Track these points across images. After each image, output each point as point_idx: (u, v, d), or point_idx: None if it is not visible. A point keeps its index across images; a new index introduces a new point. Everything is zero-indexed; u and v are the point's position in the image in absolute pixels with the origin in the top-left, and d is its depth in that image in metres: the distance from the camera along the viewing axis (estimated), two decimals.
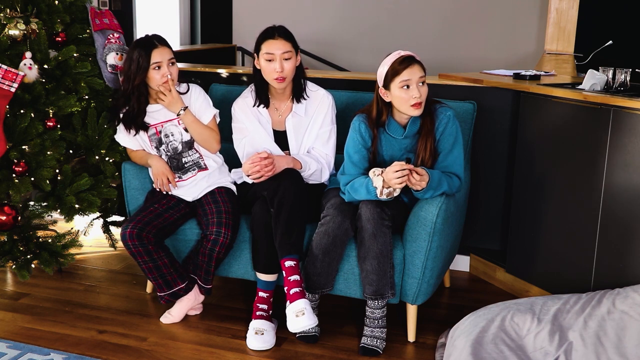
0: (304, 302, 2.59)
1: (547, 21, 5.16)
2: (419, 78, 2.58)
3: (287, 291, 2.62)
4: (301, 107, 2.91)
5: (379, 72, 2.65)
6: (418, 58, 2.62)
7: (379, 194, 2.54)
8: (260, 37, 2.82)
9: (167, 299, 2.86)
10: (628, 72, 2.85)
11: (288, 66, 2.78)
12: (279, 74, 2.77)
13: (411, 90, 2.57)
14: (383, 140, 2.72)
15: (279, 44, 2.77)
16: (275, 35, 2.78)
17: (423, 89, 2.60)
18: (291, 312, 2.59)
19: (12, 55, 2.95)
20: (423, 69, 2.61)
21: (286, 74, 2.79)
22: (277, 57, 2.76)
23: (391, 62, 2.61)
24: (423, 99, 2.60)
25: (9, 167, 2.94)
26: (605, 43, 3.95)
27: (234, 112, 2.98)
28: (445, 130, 2.67)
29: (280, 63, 2.76)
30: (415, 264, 2.66)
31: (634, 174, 2.64)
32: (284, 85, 2.82)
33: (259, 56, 2.82)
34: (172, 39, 6.18)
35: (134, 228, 2.72)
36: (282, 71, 2.77)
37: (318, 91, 2.95)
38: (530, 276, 3.14)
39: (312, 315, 2.59)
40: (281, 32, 2.80)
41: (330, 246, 2.64)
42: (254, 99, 2.93)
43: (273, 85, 2.85)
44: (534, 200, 3.07)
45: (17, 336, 2.77)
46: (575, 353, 2.38)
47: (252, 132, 2.92)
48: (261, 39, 2.81)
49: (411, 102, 2.58)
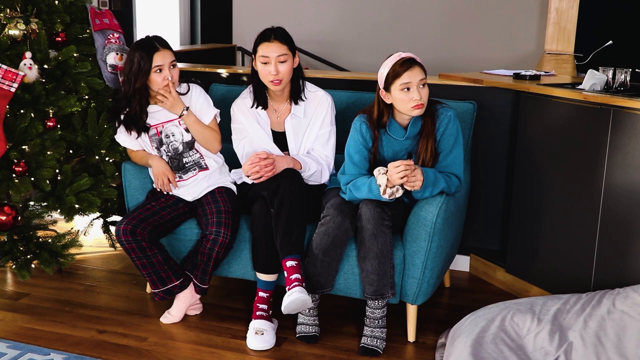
0: (300, 289, 2.57)
1: (547, 21, 5.16)
2: (419, 80, 2.57)
3: (287, 289, 2.62)
4: (300, 109, 2.91)
5: (379, 73, 2.65)
6: (419, 60, 2.61)
7: (382, 192, 2.53)
8: (257, 39, 2.82)
9: (162, 296, 2.86)
10: (628, 72, 2.85)
11: (284, 69, 2.77)
12: (274, 77, 2.77)
13: (411, 92, 2.57)
14: (384, 141, 2.72)
15: (275, 47, 2.76)
16: (272, 37, 2.77)
17: (424, 91, 2.59)
18: (286, 296, 2.57)
19: (12, 55, 2.96)
20: (424, 71, 2.61)
21: (282, 77, 2.78)
22: (272, 60, 2.75)
23: (392, 64, 2.60)
24: (424, 101, 2.60)
25: (9, 167, 2.94)
26: (605, 43, 3.95)
27: (233, 113, 2.98)
28: (446, 130, 2.66)
29: (275, 66, 2.76)
30: (415, 264, 2.66)
31: (634, 174, 2.64)
32: (280, 87, 2.82)
33: (256, 58, 2.82)
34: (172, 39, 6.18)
35: (127, 224, 2.73)
36: (277, 74, 2.76)
37: (317, 92, 2.95)
38: (530, 276, 3.14)
39: (305, 294, 2.55)
40: (278, 35, 2.78)
41: (330, 246, 2.64)
42: (252, 100, 2.93)
43: (270, 88, 2.84)
44: (534, 200, 3.07)
45: (17, 336, 2.77)
46: (575, 353, 2.38)
47: (251, 133, 2.92)
48: (257, 42, 2.81)
49: (412, 104, 2.57)
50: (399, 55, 2.62)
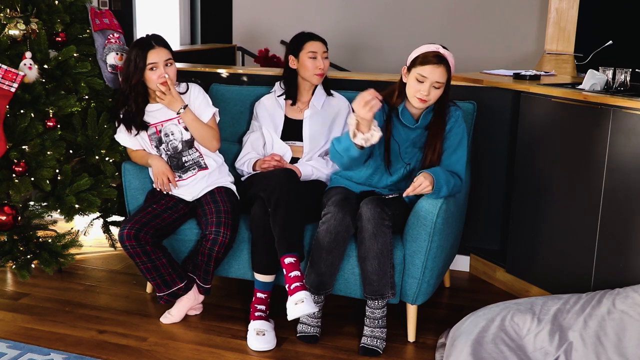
0: (304, 293, 2.56)
1: (547, 21, 5.16)
2: (435, 81, 2.59)
3: (288, 287, 2.61)
4: (319, 102, 3.11)
5: (413, 52, 2.68)
6: (451, 63, 2.63)
7: (352, 136, 2.49)
8: (302, 38, 3.08)
9: (167, 299, 2.85)
10: (628, 72, 2.85)
11: (327, 64, 3.11)
12: (321, 70, 3.07)
13: (422, 85, 2.60)
14: (393, 129, 2.73)
15: (321, 45, 3.09)
16: (316, 37, 3.11)
17: (434, 91, 2.61)
18: (291, 302, 2.56)
19: (12, 55, 2.95)
20: (448, 75, 2.61)
21: (325, 70, 3.11)
22: (319, 56, 3.06)
23: (426, 51, 2.64)
24: (429, 99, 2.62)
25: (9, 167, 2.94)
26: (605, 43, 3.95)
27: (256, 109, 3.19)
28: (453, 129, 2.70)
29: (322, 61, 3.07)
30: (415, 264, 2.66)
31: (634, 174, 2.64)
32: (321, 80, 3.11)
33: (300, 55, 3.05)
34: (172, 39, 6.17)
35: (131, 229, 2.72)
36: (323, 67, 3.07)
37: (337, 94, 3.19)
38: (530, 276, 3.14)
39: (311, 304, 2.55)
40: (319, 36, 3.12)
41: (333, 244, 2.64)
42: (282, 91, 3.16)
43: (312, 82, 3.09)
44: (534, 200, 3.06)
45: (17, 336, 2.77)
46: (575, 353, 2.38)
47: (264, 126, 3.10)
48: (303, 40, 3.07)
49: (417, 95, 2.61)
50: (438, 48, 2.65)
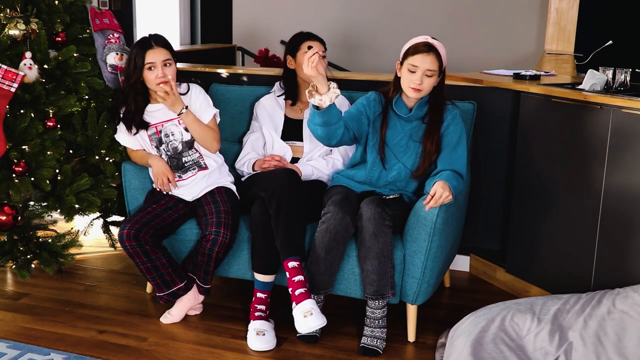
0: (310, 302, 2.59)
1: (547, 21, 5.16)
2: (427, 69, 2.63)
3: (291, 292, 2.62)
4: None
5: (404, 46, 2.72)
6: (442, 52, 2.66)
7: (308, 96, 2.56)
8: (298, 38, 3.08)
9: (167, 299, 2.85)
10: (628, 72, 2.85)
11: (324, 63, 3.06)
12: None
13: (415, 75, 2.63)
14: (389, 121, 2.75)
15: (318, 44, 3.07)
16: (312, 36, 3.10)
17: (427, 80, 2.65)
18: (299, 314, 2.58)
19: (12, 55, 2.95)
20: (439, 63, 2.65)
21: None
22: None
23: (416, 42, 2.67)
24: (422, 88, 2.65)
25: (9, 167, 2.94)
26: (605, 43, 3.95)
27: (256, 109, 3.17)
28: (450, 126, 2.72)
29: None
30: (416, 264, 2.66)
31: (634, 174, 2.64)
32: None
33: (298, 55, 3.04)
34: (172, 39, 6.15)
35: (131, 229, 2.72)
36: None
37: None
38: (530, 276, 3.14)
39: (320, 315, 2.58)
40: (315, 35, 3.11)
41: (333, 243, 2.64)
42: (281, 91, 3.15)
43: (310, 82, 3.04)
44: (534, 200, 3.06)
45: (17, 336, 2.77)
46: (575, 353, 2.38)
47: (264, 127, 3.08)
48: (300, 40, 3.07)
49: (411, 85, 2.65)
50: (427, 38, 2.68)
